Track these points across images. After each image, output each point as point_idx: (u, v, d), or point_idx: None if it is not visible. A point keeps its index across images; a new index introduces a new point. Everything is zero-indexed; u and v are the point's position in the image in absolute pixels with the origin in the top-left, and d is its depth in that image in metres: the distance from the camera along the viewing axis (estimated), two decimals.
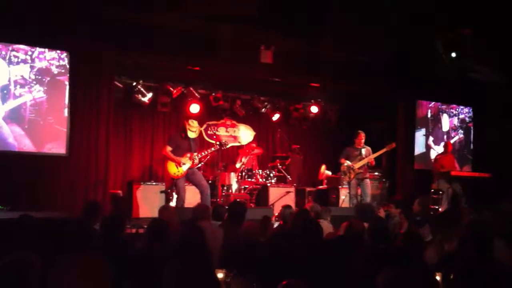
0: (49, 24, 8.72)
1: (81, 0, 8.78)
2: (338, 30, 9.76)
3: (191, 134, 9.28)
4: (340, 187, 11.74)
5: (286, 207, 7.44)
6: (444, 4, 9.42)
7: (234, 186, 11.28)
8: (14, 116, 8.85)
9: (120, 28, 9.19)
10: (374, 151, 10.52)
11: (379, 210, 9.35)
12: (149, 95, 11.21)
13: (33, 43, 8.96)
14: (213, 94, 12.05)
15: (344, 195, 11.40)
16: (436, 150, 13.03)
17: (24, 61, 8.91)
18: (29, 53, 8.95)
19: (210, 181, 10.15)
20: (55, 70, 9.14)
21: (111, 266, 3.63)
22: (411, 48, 10.81)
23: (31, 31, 8.69)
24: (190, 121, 9.39)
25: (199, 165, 9.73)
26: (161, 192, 10.16)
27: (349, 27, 9.71)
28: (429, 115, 13.33)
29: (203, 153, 9.44)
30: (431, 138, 13.28)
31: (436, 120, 13.43)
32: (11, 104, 8.84)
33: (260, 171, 11.76)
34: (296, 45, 10.71)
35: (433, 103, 13.39)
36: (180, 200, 9.16)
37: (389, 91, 12.27)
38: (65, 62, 9.20)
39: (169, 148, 9.18)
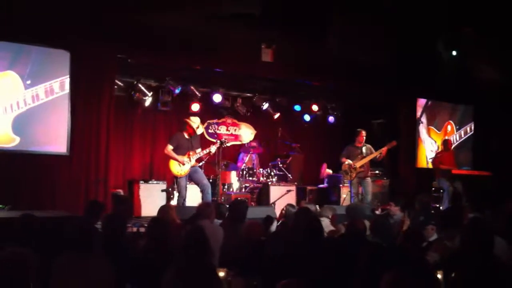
0: (49, 23, 8.69)
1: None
2: (338, 29, 9.76)
3: (198, 131, 9.33)
4: (341, 185, 11.74)
5: (290, 205, 7.44)
6: (445, 2, 9.41)
7: (235, 185, 11.27)
8: (18, 119, 8.88)
9: (121, 27, 9.16)
10: (375, 149, 10.52)
11: (377, 208, 9.37)
12: (150, 94, 11.20)
13: (33, 42, 8.94)
14: (214, 92, 12.04)
15: (345, 193, 11.40)
16: None
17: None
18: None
19: (211, 180, 10.15)
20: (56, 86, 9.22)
21: (112, 265, 3.63)
22: (412, 46, 10.80)
23: (32, 29, 8.67)
24: (192, 118, 9.39)
25: (201, 163, 9.71)
26: (162, 191, 10.15)
27: (349, 26, 9.70)
28: None
29: (204, 152, 9.41)
30: None
31: None
32: (21, 110, 8.89)
33: (261, 169, 11.76)
34: (296, 44, 10.71)
35: None
36: (181, 198, 9.17)
37: (389, 89, 12.26)
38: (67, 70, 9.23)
39: (170, 147, 9.17)
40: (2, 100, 8.74)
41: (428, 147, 13.36)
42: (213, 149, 9.47)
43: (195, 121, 9.33)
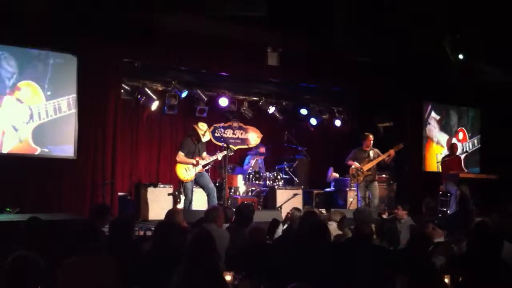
0: (56, 27, 8.74)
1: (88, 3, 8.78)
2: (344, 31, 9.74)
3: (205, 138, 9.31)
4: (347, 189, 11.70)
5: (296, 209, 7.43)
6: (450, 3, 9.38)
7: (242, 189, 11.26)
8: (39, 129, 9.00)
9: (126, 30, 9.17)
10: (382, 153, 10.47)
11: (384, 212, 9.32)
12: (156, 97, 11.21)
13: (40, 46, 8.98)
14: (220, 96, 12.05)
15: (351, 197, 11.37)
16: None
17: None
18: None
19: (217, 184, 10.15)
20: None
21: (118, 268, 3.63)
22: (418, 49, 10.77)
23: (39, 33, 8.72)
24: (200, 125, 9.36)
25: (207, 167, 9.72)
26: (169, 194, 10.15)
27: (355, 28, 9.69)
28: None
29: (211, 158, 9.42)
30: None
31: None
32: (42, 121, 9.03)
33: (268, 173, 11.73)
34: (302, 46, 10.72)
35: None
36: (187, 202, 9.17)
37: (396, 92, 12.23)
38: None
39: (182, 154, 9.15)
40: (23, 110, 8.86)
41: (439, 150, 13.33)
42: (220, 156, 9.50)
43: (202, 128, 9.32)
